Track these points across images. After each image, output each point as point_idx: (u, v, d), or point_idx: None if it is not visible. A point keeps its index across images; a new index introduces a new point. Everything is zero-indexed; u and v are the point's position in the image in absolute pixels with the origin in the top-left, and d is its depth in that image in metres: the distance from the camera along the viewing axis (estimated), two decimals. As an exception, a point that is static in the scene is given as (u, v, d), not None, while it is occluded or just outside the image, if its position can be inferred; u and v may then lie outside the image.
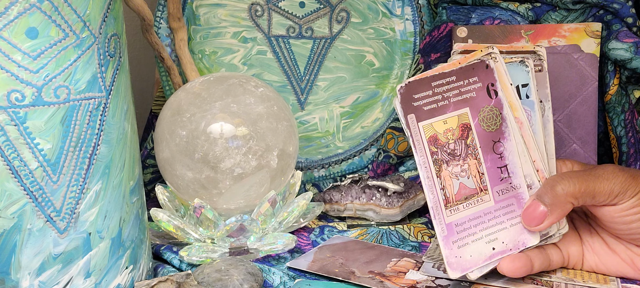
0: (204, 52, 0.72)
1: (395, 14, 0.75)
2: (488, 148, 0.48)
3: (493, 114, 0.48)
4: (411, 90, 0.46)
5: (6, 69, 0.40)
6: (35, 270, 0.43)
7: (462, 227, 0.47)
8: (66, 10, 0.41)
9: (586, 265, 0.50)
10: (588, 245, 0.50)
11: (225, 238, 0.57)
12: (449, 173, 0.47)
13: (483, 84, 0.48)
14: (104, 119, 0.44)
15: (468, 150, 0.48)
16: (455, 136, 0.47)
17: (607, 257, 0.49)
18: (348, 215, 0.66)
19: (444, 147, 0.47)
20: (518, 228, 0.48)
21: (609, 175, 0.46)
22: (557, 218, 0.46)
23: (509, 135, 0.48)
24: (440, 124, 0.47)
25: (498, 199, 0.48)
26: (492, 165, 0.48)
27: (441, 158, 0.47)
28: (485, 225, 0.47)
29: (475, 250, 0.47)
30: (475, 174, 0.47)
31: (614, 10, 0.66)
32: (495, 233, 0.47)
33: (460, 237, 0.47)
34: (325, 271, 0.52)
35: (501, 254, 0.47)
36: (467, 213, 0.47)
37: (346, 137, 0.76)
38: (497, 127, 0.48)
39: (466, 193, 0.47)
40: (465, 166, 0.47)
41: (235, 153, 0.56)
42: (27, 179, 0.41)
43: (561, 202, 0.46)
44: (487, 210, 0.47)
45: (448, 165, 0.47)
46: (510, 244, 0.47)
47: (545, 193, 0.46)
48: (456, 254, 0.46)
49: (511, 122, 0.48)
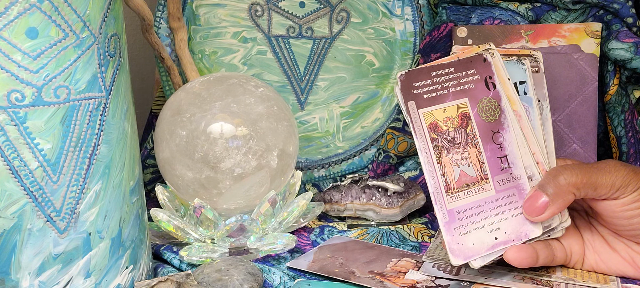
0: (204, 52, 0.72)
1: (395, 14, 0.75)
2: (487, 138, 0.48)
3: (492, 105, 0.48)
4: (411, 78, 0.47)
5: (6, 69, 0.40)
6: (35, 270, 0.43)
7: (464, 214, 0.47)
8: (66, 10, 0.41)
9: (587, 264, 0.50)
10: (589, 243, 0.50)
11: (225, 238, 0.57)
12: (449, 160, 0.47)
13: (481, 76, 0.49)
14: (104, 119, 0.44)
15: (468, 138, 0.48)
16: (455, 124, 0.48)
17: (607, 256, 0.49)
18: (348, 215, 0.66)
19: (444, 134, 0.48)
20: (520, 219, 0.48)
21: (611, 169, 0.46)
22: (558, 209, 0.46)
23: (508, 127, 0.49)
24: (440, 112, 0.48)
25: (499, 189, 0.48)
26: (492, 155, 0.48)
27: (441, 145, 0.47)
28: (487, 214, 0.48)
29: (477, 239, 0.47)
30: (476, 163, 0.48)
31: (614, 10, 0.66)
32: (497, 223, 0.48)
33: (462, 224, 0.47)
34: (325, 271, 0.52)
35: (503, 244, 0.47)
36: (468, 201, 0.47)
37: (346, 137, 0.76)
38: (495, 118, 0.49)
39: (467, 181, 0.48)
40: (465, 154, 0.48)
41: (235, 153, 0.56)
42: (27, 179, 0.41)
43: (563, 192, 0.46)
44: (488, 199, 0.48)
45: (448, 152, 0.48)
46: (512, 235, 0.47)
47: (547, 183, 0.47)
48: (458, 241, 0.47)
49: (510, 114, 0.49)
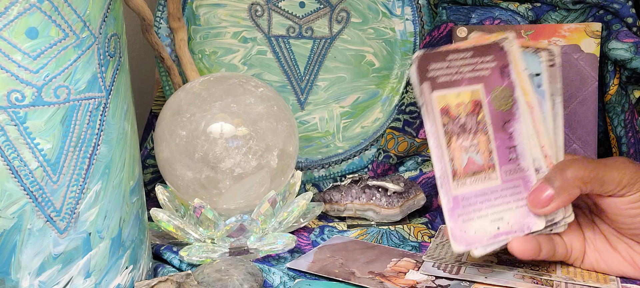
0: (204, 52, 0.72)
1: (395, 14, 0.75)
2: (498, 127, 0.48)
3: (505, 95, 0.48)
4: (427, 60, 0.46)
5: (6, 69, 0.40)
6: (35, 270, 0.43)
7: (468, 201, 0.47)
8: (66, 10, 0.41)
9: (587, 262, 0.50)
10: (590, 241, 0.50)
11: (225, 238, 0.57)
12: (458, 146, 0.47)
13: (497, 64, 0.48)
14: (104, 119, 0.44)
15: (479, 126, 0.48)
16: (467, 110, 0.47)
17: (608, 255, 0.49)
18: (348, 215, 0.66)
19: (455, 119, 0.47)
20: (524, 211, 0.48)
21: (620, 166, 0.46)
22: (563, 202, 0.46)
23: (520, 118, 0.48)
24: (453, 97, 0.47)
25: (505, 179, 0.48)
26: (502, 144, 0.48)
27: (452, 130, 0.47)
28: (492, 203, 0.47)
29: (480, 227, 0.47)
30: (485, 151, 0.48)
31: (614, 10, 0.66)
32: (501, 213, 0.47)
33: (466, 211, 0.47)
34: (325, 272, 0.52)
35: (506, 235, 0.47)
36: (473, 188, 0.47)
37: (346, 137, 0.76)
38: (508, 108, 0.48)
39: (474, 168, 0.47)
40: (475, 141, 0.47)
41: (235, 154, 0.56)
42: (27, 179, 0.41)
43: (569, 185, 0.46)
44: (494, 188, 0.48)
45: (458, 138, 0.47)
46: (515, 226, 0.47)
47: (554, 176, 0.47)
48: (461, 228, 0.46)
49: (522, 105, 0.48)
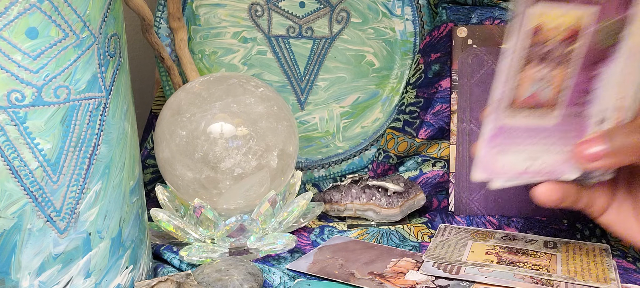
0: (204, 52, 0.72)
1: (395, 14, 0.75)
2: (586, 64, 0.42)
3: (614, 30, 0.41)
4: None
5: (6, 69, 0.40)
6: (35, 270, 0.43)
7: (513, 134, 0.42)
8: (66, 10, 0.41)
9: (603, 219, 0.47)
10: (618, 202, 0.47)
11: (225, 238, 0.57)
12: (530, 74, 0.41)
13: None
14: (104, 119, 0.44)
15: (565, 57, 0.41)
16: (560, 37, 0.41)
17: (630, 223, 0.46)
18: (348, 215, 0.66)
19: (543, 44, 0.41)
20: (563, 157, 0.43)
21: None
22: (613, 164, 0.43)
23: (615, 61, 0.42)
24: (555, 16, 0.40)
25: (562, 122, 0.43)
26: (579, 85, 0.42)
27: (532, 55, 0.41)
28: (535, 141, 0.43)
29: (510, 161, 0.43)
30: (556, 87, 0.42)
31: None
32: (540, 153, 0.43)
33: (505, 143, 0.42)
34: (325, 273, 0.52)
35: (531, 176, 0.43)
36: (525, 122, 0.43)
37: (346, 137, 0.76)
38: (609, 45, 0.41)
39: (536, 102, 0.42)
40: (551, 74, 0.42)
41: (235, 153, 0.56)
42: (27, 179, 0.41)
43: (629, 151, 0.42)
44: (545, 127, 0.43)
45: (535, 66, 0.41)
46: (547, 168, 0.43)
47: (616, 134, 0.42)
48: (491, 158, 0.42)
49: (625, 47, 0.41)
